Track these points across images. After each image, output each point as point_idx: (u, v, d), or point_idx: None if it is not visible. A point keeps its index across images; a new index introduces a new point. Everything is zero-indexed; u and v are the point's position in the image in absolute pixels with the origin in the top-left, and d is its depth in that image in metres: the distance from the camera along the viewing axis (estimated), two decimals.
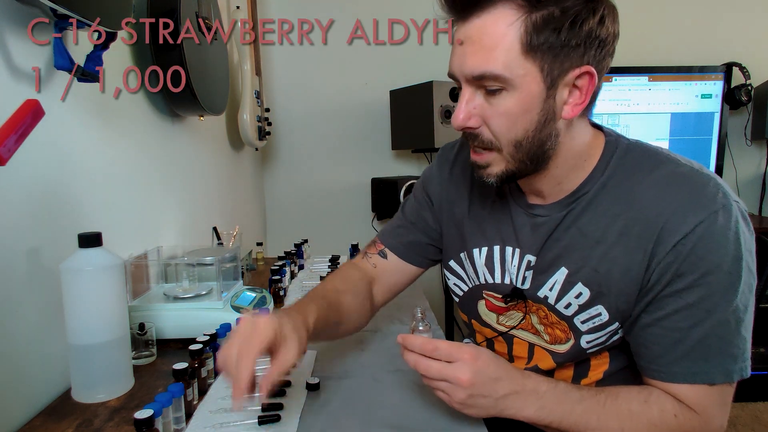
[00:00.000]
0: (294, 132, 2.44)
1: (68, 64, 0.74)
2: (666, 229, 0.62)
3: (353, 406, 0.71)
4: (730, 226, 0.61)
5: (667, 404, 0.64)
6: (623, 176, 0.67)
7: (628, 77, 2.29)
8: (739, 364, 0.63)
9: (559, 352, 0.76)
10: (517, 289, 0.76)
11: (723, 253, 0.60)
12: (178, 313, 0.92)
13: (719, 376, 0.62)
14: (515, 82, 0.60)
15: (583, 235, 0.69)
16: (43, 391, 0.74)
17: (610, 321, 0.69)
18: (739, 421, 1.95)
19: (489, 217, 0.79)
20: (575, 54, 0.59)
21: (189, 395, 0.69)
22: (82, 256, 0.71)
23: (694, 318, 0.62)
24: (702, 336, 0.62)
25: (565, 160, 0.68)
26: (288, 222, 2.49)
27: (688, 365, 0.63)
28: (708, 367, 0.62)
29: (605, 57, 0.62)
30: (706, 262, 0.60)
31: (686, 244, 0.60)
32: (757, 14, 2.45)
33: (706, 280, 0.61)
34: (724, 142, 2.33)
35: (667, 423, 0.63)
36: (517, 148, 0.64)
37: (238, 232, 1.37)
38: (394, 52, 2.38)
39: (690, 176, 0.64)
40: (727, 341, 0.62)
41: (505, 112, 0.62)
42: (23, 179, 0.72)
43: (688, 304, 0.62)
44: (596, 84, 0.62)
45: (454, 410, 0.64)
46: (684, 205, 0.62)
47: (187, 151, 1.41)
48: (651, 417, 0.63)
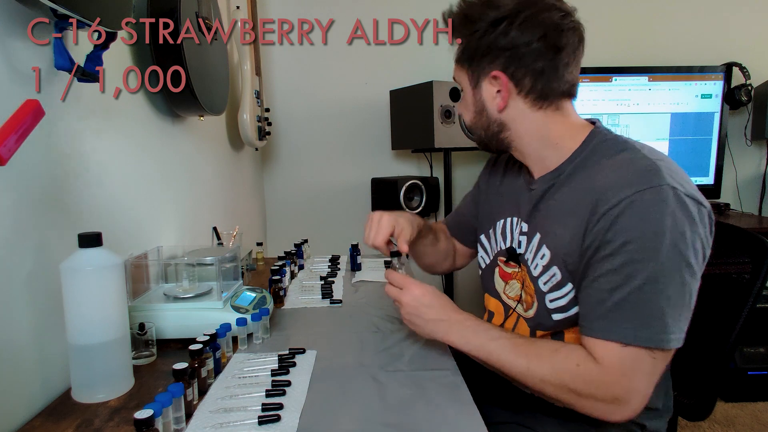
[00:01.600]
0: (294, 132, 2.44)
1: (68, 64, 0.74)
2: (600, 200, 0.72)
3: (353, 406, 0.71)
4: (656, 204, 0.68)
5: (573, 354, 0.73)
6: (594, 159, 0.79)
7: (628, 77, 2.29)
8: (653, 333, 0.68)
9: (529, 317, 0.87)
10: (511, 249, 0.91)
11: (643, 227, 0.68)
12: (178, 313, 0.92)
13: (630, 338, 0.69)
14: (461, 85, 0.87)
15: (556, 207, 0.81)
16: (43, 391, 0.74)
17: (564, 281, 0.79)
18: (739, 421, 1.95)
19: (508, 196, 0.96)
20: (485, 60, 0.80)
21: (189, 395, 0.69)
22: (82, 256, 0.71)
23: (613, 282, 0.70)
24: (620, 299, 0.69)
25: (531, 142, 0.84)
26: (288, 222, 2.49)
27: (605, 323, 0.70)
28: (621, 328, 0.69)
29: (515, 60, 0.78)
30: (626, 233, 0.69)
31: (612, 214, 0.70)
32: (757, 14, 2.45)
33: (626, 249, 0.69)
34: (724, 142, 2.34)
35: (568, 369, 0.72)
36: (472, 132, 0.90)
37: (238, 232, 1.37)
38: (394, 52, 2.38)
39: (639, 161, 0.73)
40: (641, 308, 0.68)
41: (461, 107, 0.90)
42: (23, 179, 0.72)
43: (610, 269, 0.70)
44: (509, 82, 0.79)
45: (453, 410, 0.67)
46: (620, 181, 0.71)
47: (187, 151, 1.41)
48: (555, 362, 0.73)
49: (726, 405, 2.06)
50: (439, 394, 0.73)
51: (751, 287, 0.95)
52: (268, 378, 0.79)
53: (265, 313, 0.95)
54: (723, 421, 1.95)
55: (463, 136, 2.09)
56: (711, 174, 2.37)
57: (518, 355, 0.75)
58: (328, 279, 1.34)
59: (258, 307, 0.97)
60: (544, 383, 0.73)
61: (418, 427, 0.65)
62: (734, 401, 2.08)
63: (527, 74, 0.78)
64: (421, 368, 0.82)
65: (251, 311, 0.95)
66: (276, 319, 1.07)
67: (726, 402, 2.08)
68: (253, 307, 0.96)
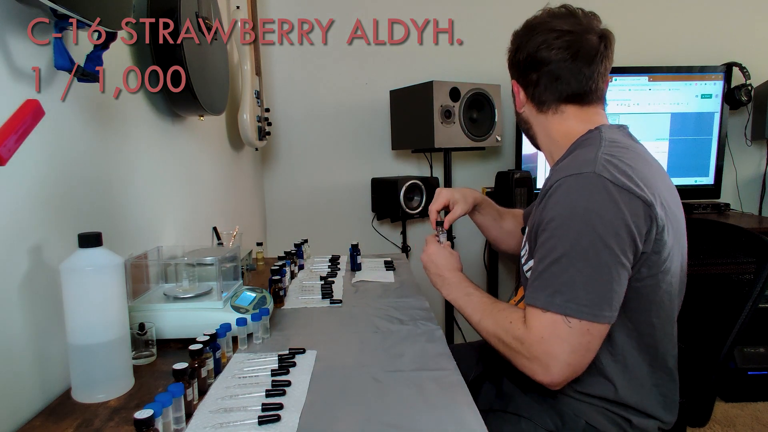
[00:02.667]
0: (294, 132, 2.44)
1: (68, 64, 0.74)
2: (549, 186, 0.83)
3: (353, 406, 0.71)
4: (577, 188, 0.78)
5: (512, 314, 0.86)
6: (574, 155, 0.88)
7: (628, 77, 2.29)
8: (564, 301, 0.77)
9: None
10: (523, 229, 1.04)
11: (563, 206, 0.78)
12: (178, 313, 0.92)
13: (540, 302, 0.79)
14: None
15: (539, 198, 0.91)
16: (43, 391, 0.74)
17: (529, 256, 0.90)
18: (739, 421, 1.95)
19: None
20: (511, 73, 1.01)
21: (189, 395, 0.69)
22: (82, 256, 0.71)
23: (540, 255, 0.81)
24: (542, 269, 0.80)
25: (543, 139, 0.98)
26: (288, 222, 2.49)
27: (531, 291, 0.81)
28: (540, 295, 0.79)
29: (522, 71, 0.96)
30: (551, 211, 0.80)
31: (548, 196, 0.82)
32: (757, 14, 2.45)
33: (549, 225, 0.80)
34: (724, 142, 2.34)
35: (502, 325, 0.86)
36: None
37: (238, 232, 1.37)
38: (394, 52, 2.38)
39: (586, 154, 0.83)
40: (556, 278, 0.78)
41: None
42: (23, 179, 0.72)
43: (540, 244, 0.82)
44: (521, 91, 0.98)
45: (453, 410, 0.67)
46: (561, 170, 0.83)
47: (187, 151, 1.41)
48: (497, 318, 0.88)
49: (726, 405, 2.06)
50: (439, 394, 0.73)
51: (754, 287, 0.95)
52: (268, 378, 0.79)
53: (265, 313, 0.95)
54: (723, 421, 1.95)
55: (463, 136, 2.09)
56: (711, 174, 2.37)
57: (475, 310, 0.93)
58: (328, 279, 1.34)
59: (258, 307, 0.97)
60: (489, 335, 0.89)
61: (418, 427, 0.65)
62: (734, 401, 2.08)
63: (528, 84, 0.95)
64: (421, 368, 0.82)
65: (251, 311, 0.95)
66: (276, 319, 1.07)
67: (726, 402, 2.08)
68: (253, 307, 0.96)
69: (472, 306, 0.95)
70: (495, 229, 1.27)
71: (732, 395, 2.08)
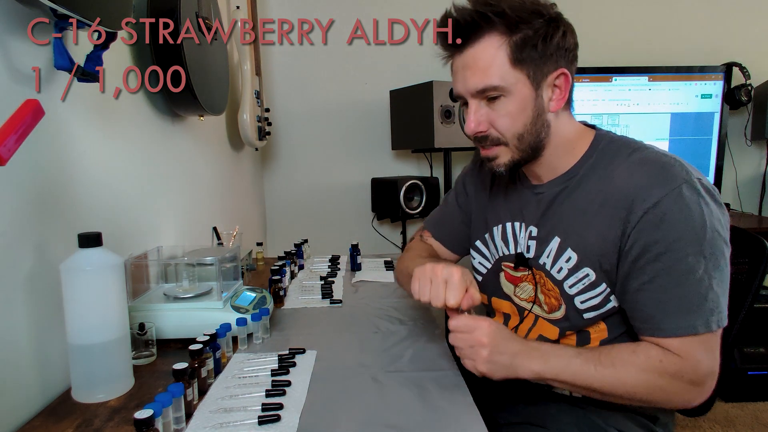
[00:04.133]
0: (294, 132, 2.44)
1: (68, 64, 0.74)
2: (636, 200, 0.74)
3: (353, 406, 0.71)
4: (695, 198, 0.72)
5: (652, 351, 0.74)
6: (607, 160, 0.81)
7: (628, 77, 2.29)
8: (715, 316, 0.72)
9: (556, 318, 0.86)
10: (520, 255, 0.90)
11: (690, 222, 0.71)
12: (178, 313, 0.92)
13: (701, 327, 0.71)
14: (510, 89, 0.77)
15: (573, 209, 0.82)
16: (43, 391, 0.74)
17: (598, 281, 0.80)
18: (739, 421, 1.95)
19: (504, 201, 0.95)
20: (550, 61, 0.77)
21: (189, 395, 0.69)
22: (82, 256, 0.71)
23: (673, 279, 0.72)
24: (682, 294, 0.72)
25: (556, 146, 0.83)
26: (288, 222, 2.49)
27: (674, 321, 0.72)
28: (691, 320, 0.72)
29: (572, 61, 0.80)
30: (676, 230, 0.71)
31: (656, 214, 0.72)
32: (757, 14, 2.45)
33: (679, 245, 0.71)
34: (724, 142, 2.33)
35: (653, 366, 0.73)
36: (520, 140, 0.80)
37: (238, 232, 1.37)
38: (394, 52, 2.38)
39: (656, 159, 0.77)
40: (703, 297, 0.71)
41: (507, 113, 0.78)
42: (23, 179, 0.72)
43: (666, 267, 0.72)
44: (571, 82, 0.80)
45: (453, 411, 0.67)
46: (651, 180, 0.74)
47: (187, 151, 1.41)
48: (639, 363, 0.74)
49: (726, 405, 2.06)
50: (440, 395, 0.73)
51: (749, 287, 0.95)
52: (268, 378, 0.79)
53: (265, 313, 0.95)
54: (723, 421, 1.95)
55: (463, 136, 2.09)
56: (711, 174, 2.37)
57: (605, 365, 0.74)
58: (328, 279, 1.34)
59: (258, 307, 0.97)
60: (635, 388, 0.73)
61: (418, 428, 0.65)
62: (734, 401, 2.08)
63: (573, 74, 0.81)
64: (421, 368, 0.82)
65: (251, 311, 0.95)
66: (276, 319, 1.07)
67: (726, 402, 2.08)
68: (253, 307, 0.96)
69: (594, 364, 0.74)
70: None
71: (732, 395, 2.08)
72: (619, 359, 0.74)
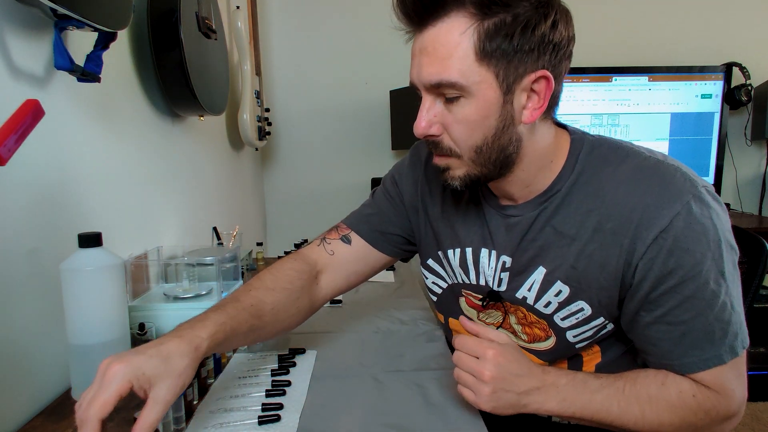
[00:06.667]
0: (294, 132, 2.44)
1: (68, 64, 0.74)
2: (641, 224, 0.63)
3: (353, 406, 0.71)
4: (705, 213, 0.62)
5: (683, 384, 0.65)
6: (592, 172, 0.68)
7: (628, 77, 2.29)
8: (740, 338, 0.65)
9: (541, 350, 0.76)
10: (493, 292, 0.77)
11: (706, 242, 0.61)
12: (178, 313, 0.92)
13: (727, 355, 0.64)
14: (471, 89, 0.61)
15: (558, 234, 0.69)
16: (43, 391, 0.74)
17: (594, 315, 0.70)
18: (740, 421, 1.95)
19: (461, 219, 0.79)
20: (529, 59, 0.60)
21: (189, 395, 0.69)
22: (82, 256, 0.71)
23: (695, 309, 0.63)
24: (705, 323, 0.63)
25: (531, 162, 0.68)
26: (288, 222, 2.49)
27: (698, 353, 0.64)
28: (716, 350, 0.64)
29: (561, 60, 0.63)
30: (694, 254, 0.61)
31: (667, 239, 0.61)
32: (757, 14, 2.44)
33: (697, 270, 0.61)
34: (724, 142, 2.33)
35: (687, 403, 0.64)
36: (478, 153, 0.65)
37: (238, 232, 1.37)
38: (394, 52, 2.38)
39: (657, 168, 0.65)
40: (727, 321, 0.64)
41: (464, 119, 0.63)
42: (23, 179, 0.72)
43: (686, 297, 0.62)
44: (554, 87, 0.62)
45: (453, 410, 0.66)
46: (656, 198, 0.62)
47: (187, 151, 1.41)
48: (670, 399, 0.65)
49: None
50: (440, 395, 0.73)
51: (749, 287, 0.95)
52: (268, 378, 0.79)
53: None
54: None
55: None
56: (711, 174, 2.37)
57: (629, 402, 0.65)
58: None
59: None
60: (662, 426, 0.65)
61: (418, 428, 0.65)
62: None
63: (558, 78, 0.63)
64: (421, 368, 0.82)
65: None
66: None
67: None
68: None
69: (617, 400, 0.65)
70: (261, 334, 0.75)
71: None
72: (645, 394, 0.65)
